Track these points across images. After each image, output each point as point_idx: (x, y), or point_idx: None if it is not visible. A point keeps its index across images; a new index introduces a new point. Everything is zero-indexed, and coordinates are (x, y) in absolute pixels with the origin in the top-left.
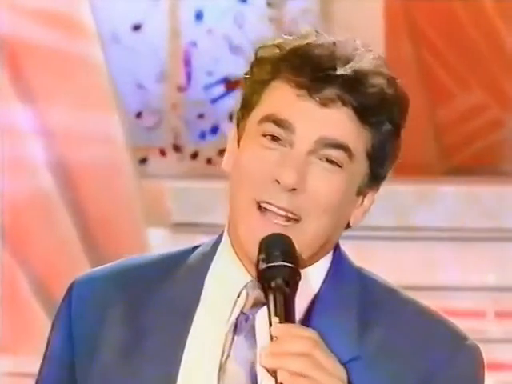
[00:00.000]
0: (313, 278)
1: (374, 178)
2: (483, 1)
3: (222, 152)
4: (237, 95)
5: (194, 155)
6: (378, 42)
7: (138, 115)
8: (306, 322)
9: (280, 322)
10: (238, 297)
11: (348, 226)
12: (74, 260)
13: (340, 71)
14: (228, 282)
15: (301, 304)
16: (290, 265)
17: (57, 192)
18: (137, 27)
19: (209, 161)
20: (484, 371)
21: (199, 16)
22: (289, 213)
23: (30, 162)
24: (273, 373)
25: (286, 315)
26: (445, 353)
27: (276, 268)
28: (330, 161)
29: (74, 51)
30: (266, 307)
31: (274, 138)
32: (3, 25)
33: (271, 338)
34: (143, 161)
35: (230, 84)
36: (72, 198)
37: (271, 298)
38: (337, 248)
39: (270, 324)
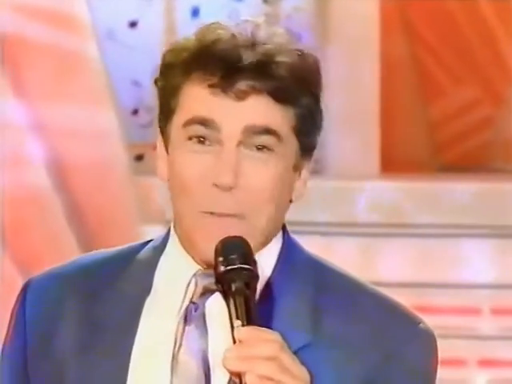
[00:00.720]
0: (264, 264)
1: (306, 150)
2: (478, 0)
3: None
4: None
5: None
6: (373, 40)
7: (134, 112)
8: (259, 308)
9: (242, 325)
10: (188, 287)
11: (290, 201)
12: (67, 257)
13: (246, 61)
14: (177, 273)
15: None
16: (249, 267)
17: (51, 188)
18: (133, 24)
19: None
20: (437, 353)
21: (195, 13)
22: (233, 215)
23: (25, 158)
24: (236, 375)
25: (248, 318)
26: (398, 338)
27: (235, 271)
28: (260, 148)
29: (69, 48)
30: (215, 295)
31: (201, 140)
32: None
33: (234, 341)
34: (139, 158)
35: None
36: (67, 194)
37: (232, 301)
38: (285, 232)
39: (232, 327)
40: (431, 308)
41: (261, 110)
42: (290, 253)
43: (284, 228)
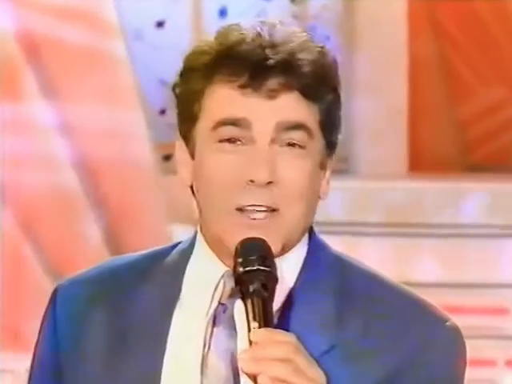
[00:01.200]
0: (290, 266)
1: (330, 148)
2: (506, 0)
3: None
4: None
5: None
6: (401, 39)
7: (162, 112)
8: (284, 312)
9: (259, 327)
10: (216, 288)
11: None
12: (94, 258)
13: (273, 59)
14: (205, 275)
15: (278, 294)
16: (267, 269)
17: (80, 188)
18: (160, 24)
19: None
20: (465, 352)
21: (223, 13)
22: (267, 207)
23: (53, 158)
24: (252, 377)
25: (265, 320)
26: (423, 338)
27: (254, 272)
28: (292, 145)
29: (97, 48)
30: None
31: (232, 141)
32: (28, 21)
33: (250, 343)
34: (167, 157)
35: None
36: (95, 193)
37: (249, 302)
38: (312, 233)
39: (249, 329)
40: (458, 308)
41: (292, 106)
42: (316, 253)
43: (311, 230)
